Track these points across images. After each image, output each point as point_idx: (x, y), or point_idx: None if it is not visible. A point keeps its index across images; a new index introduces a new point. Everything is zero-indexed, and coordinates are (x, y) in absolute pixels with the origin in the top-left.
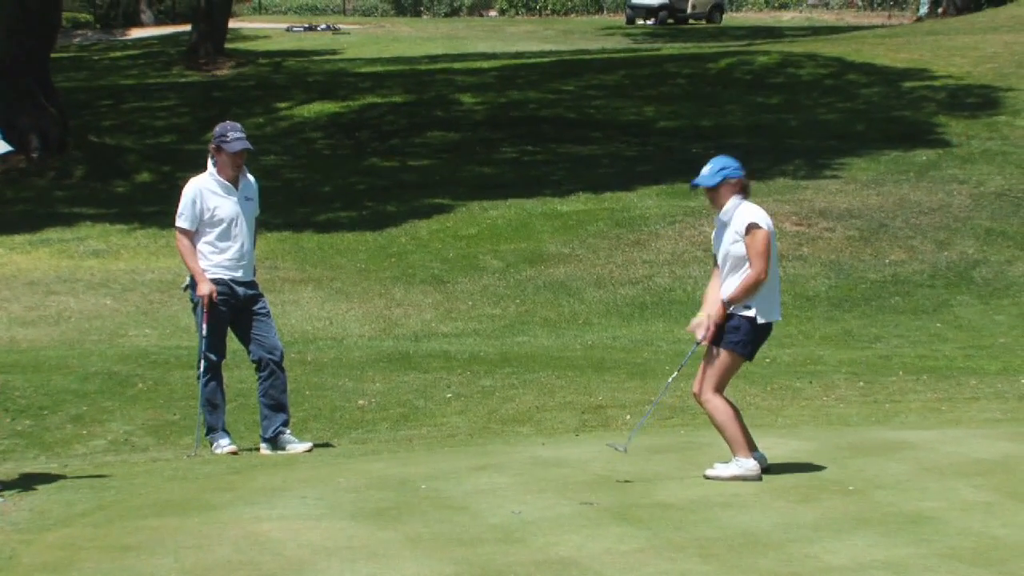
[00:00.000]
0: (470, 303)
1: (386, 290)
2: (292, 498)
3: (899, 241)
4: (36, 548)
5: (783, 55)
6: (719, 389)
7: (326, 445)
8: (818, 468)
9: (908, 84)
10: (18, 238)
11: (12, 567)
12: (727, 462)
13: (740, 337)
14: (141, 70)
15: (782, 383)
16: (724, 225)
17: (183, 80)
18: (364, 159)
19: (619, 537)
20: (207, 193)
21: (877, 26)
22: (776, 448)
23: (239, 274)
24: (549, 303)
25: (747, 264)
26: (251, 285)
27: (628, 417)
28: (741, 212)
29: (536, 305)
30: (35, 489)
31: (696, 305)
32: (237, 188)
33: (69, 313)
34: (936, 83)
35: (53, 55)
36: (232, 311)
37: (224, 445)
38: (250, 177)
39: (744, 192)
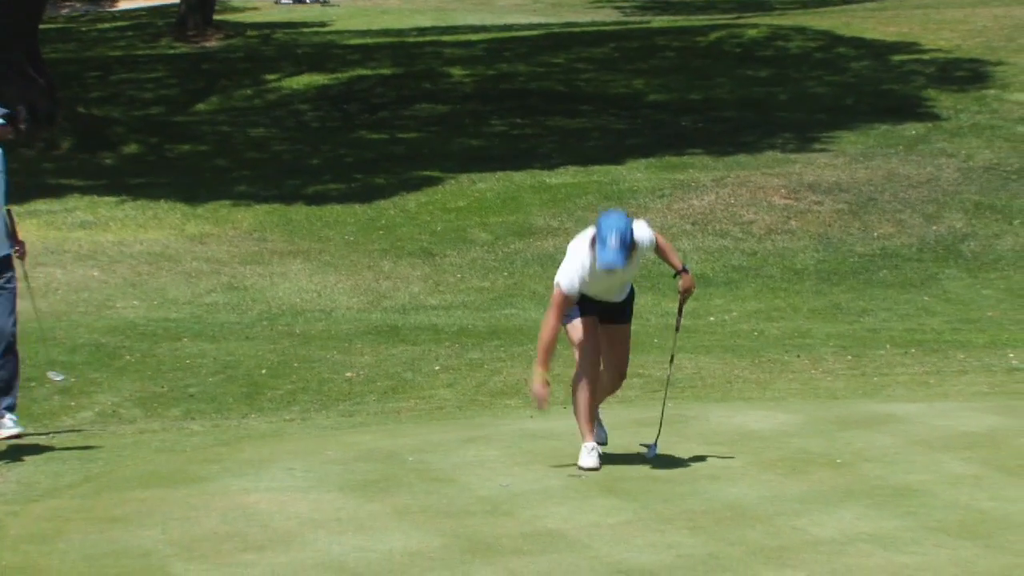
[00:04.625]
0: (459, 276)
1: (374, 262)
2: (279, 470)
3: (887, 215)
4: (23, 519)
5: (772, 28)
6: None
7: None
8: (806, 441)
9: (897, 57)
10: None
11: None
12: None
13: None
14: (129, 41)
15: (770, 356)
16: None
17: (171, 52)
18: (353, 131)
19: (607, 510)
20: None
21: None
22: (764, 421)
23: None
24: (538, 276)
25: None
26: None
27: (618, 392)
28: (638, 232)
29: (525, 278)
30: (22, 460)
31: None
32: None
33: (56, 285)
34: (925, 56)
35: (41, 26)
36: None
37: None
38: None
39: None
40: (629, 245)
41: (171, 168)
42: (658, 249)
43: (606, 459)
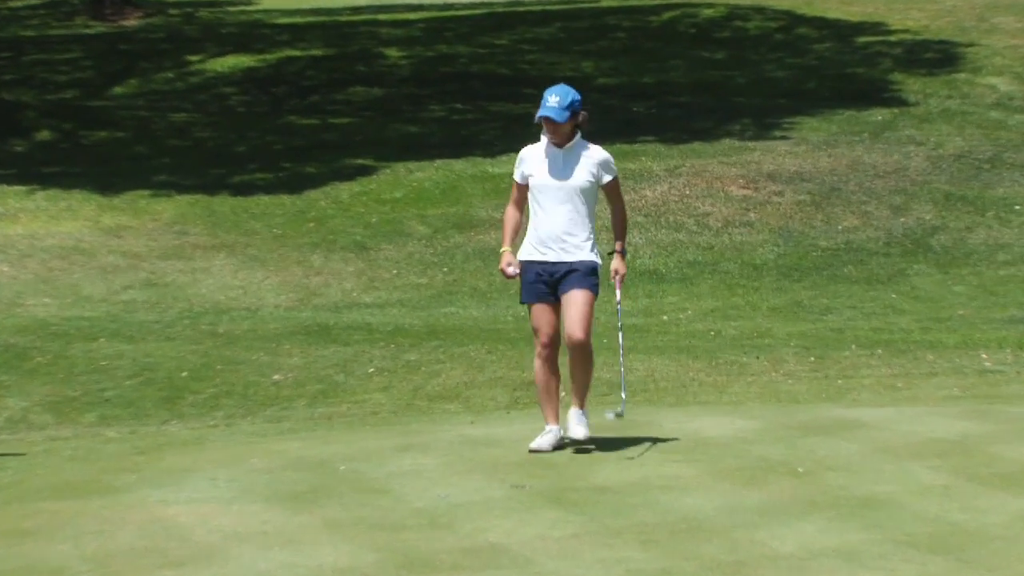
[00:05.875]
0: (394, 271)
1: (304, 257)
2: (201, 480)
3: (852, 206)
4: None
5: (729, 7)
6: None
7: None
8: (765, 449)
9: (862, 39)
10: None
11: None
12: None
13: (597, 280)
14: (42, 20)
15: (727, 358)
16: (566, 158)
17: (87, 31)
18: (281, 117)
19: (553, 522)
20: None
21: None
22: (721, 427)
23: None
24: (479, 271)
25: (587, 202)
26: None
27: (563, 394)
28: (599, 149)
29: (465, 274)
30: None
31: (635, 273)
32: None
33: None
34: (892, 38)
35: None
36: None
37: None
38: None
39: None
40: (568, 106)
41: (86, 156)
42: (612, 196)
43: (552, 470)
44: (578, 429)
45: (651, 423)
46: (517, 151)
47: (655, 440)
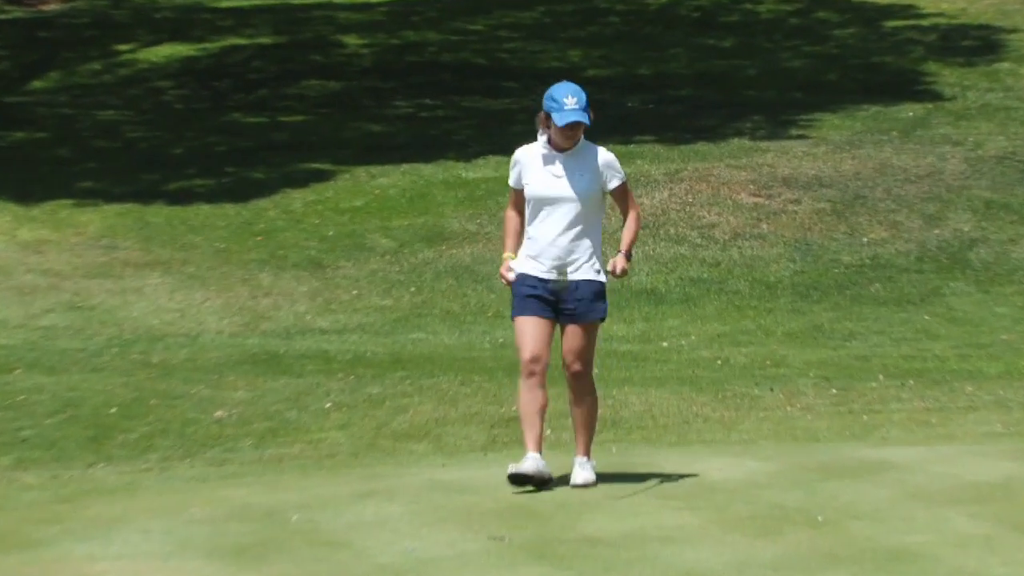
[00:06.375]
0: (354, 292)
1: (251, 276)
2: (133, 532)
3: (879, 216)
4: None
5: None
6: None
7: None
8: (780, 494)
9: (891, 23)
10: None
11: None
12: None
13: (606, 304)
14: None
15: (737, 389)
16: (566, 163)
17: (1, 17)
18: (224, 114)
19: None
20: None
21: None
22: (729, 470)
23: None
24: (451, 291)
25: (592, 212)
26: None
27: (549, 432)
28: (603, 150)
29: (435, 294)
30: None
31: (631, 292)
32: None
33: None
34: (924, 22)
35: None
36: None
37: None
38: None
39: None
40: (587, 105)
41: (0, 160)
42: (622, 204)
43: (536, 520)
44: (582, 475)
45: (649, 465)
46: (494, 153)
47: (653, 484)
